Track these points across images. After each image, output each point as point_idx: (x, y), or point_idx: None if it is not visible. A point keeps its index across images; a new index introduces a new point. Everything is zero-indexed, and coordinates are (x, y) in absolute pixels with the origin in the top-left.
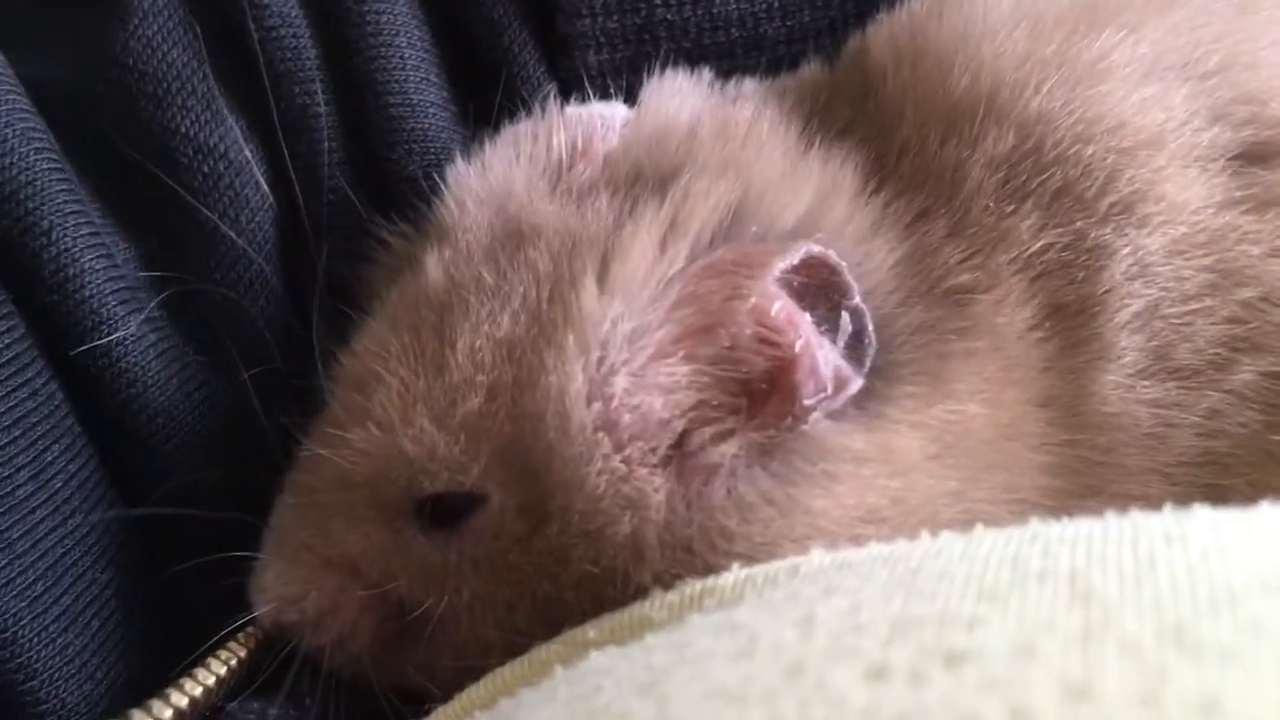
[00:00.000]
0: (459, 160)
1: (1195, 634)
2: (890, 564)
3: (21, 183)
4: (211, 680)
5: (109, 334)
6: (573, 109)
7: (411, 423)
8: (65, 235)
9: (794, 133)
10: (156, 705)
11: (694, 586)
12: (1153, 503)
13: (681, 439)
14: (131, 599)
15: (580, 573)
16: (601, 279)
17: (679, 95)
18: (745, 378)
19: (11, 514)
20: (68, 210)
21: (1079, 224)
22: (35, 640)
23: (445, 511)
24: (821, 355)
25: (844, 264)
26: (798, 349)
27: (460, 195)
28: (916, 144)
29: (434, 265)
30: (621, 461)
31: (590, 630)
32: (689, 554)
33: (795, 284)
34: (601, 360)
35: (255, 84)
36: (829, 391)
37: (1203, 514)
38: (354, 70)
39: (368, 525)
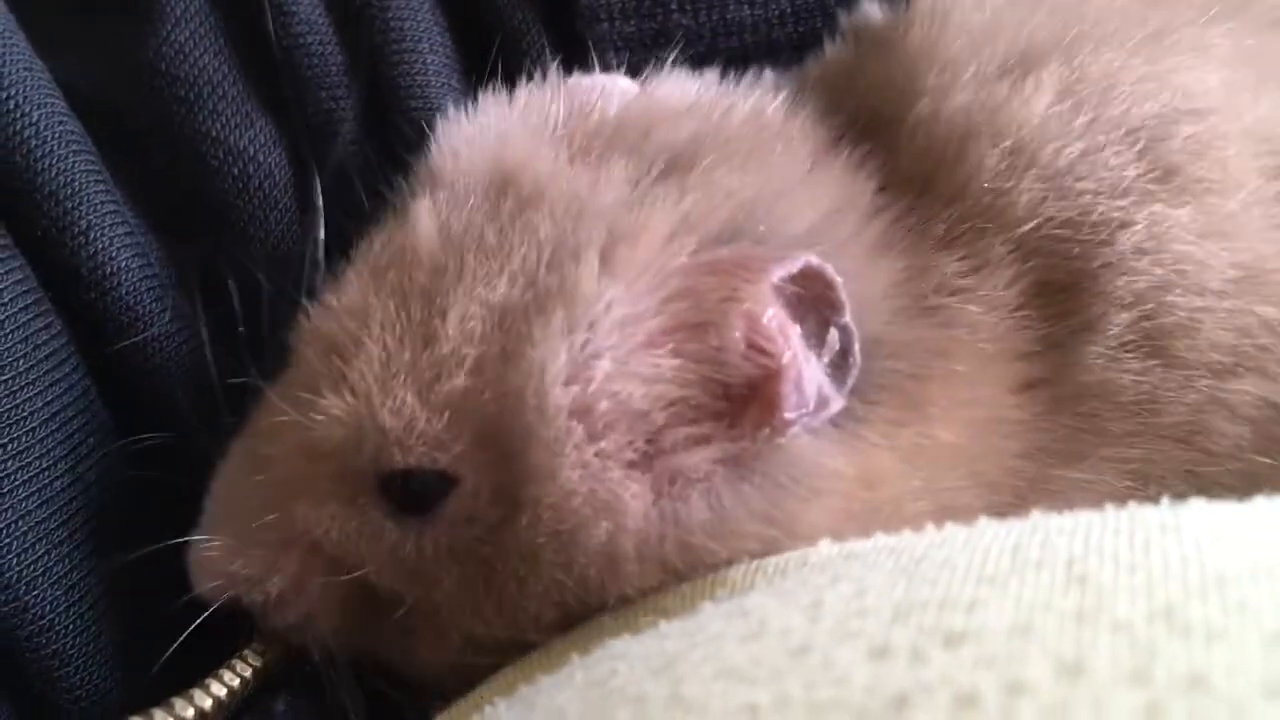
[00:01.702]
0: (451, 108)
1: (1184, 615)
2: (895, 554)
3: (60, 183)
4: (236, 681)
5: (143, 331)
6: (575, 77)
7: (392, 394)
8: (102, 235)
9: (823, 131)
10: (179, 704)
11: (706, 578)
12: (1147, 469)
13: (657, 438)
14: (164, 584)
15: (549, 580)
16: (605, 258)
17: (692, 81)
18: (728, 381)
19: (49, 505)
20: (105, 210)
21: (1087, 198)
22: (72, 628)
23: (414, 495)
24: (808, 370)
25: (839, 280)
26: (785, 360)
27: (454, 143)
28: (920, 131)
29: (425, 218)
30: (595, 455)
31: (606, 619)
32: (664, 569)
33: (790, 293)
34: (587, 342)
35: (283, 89)
36: (810, 408)
37: (1199, 507)
38: (378, 76)
39: (333, 504)
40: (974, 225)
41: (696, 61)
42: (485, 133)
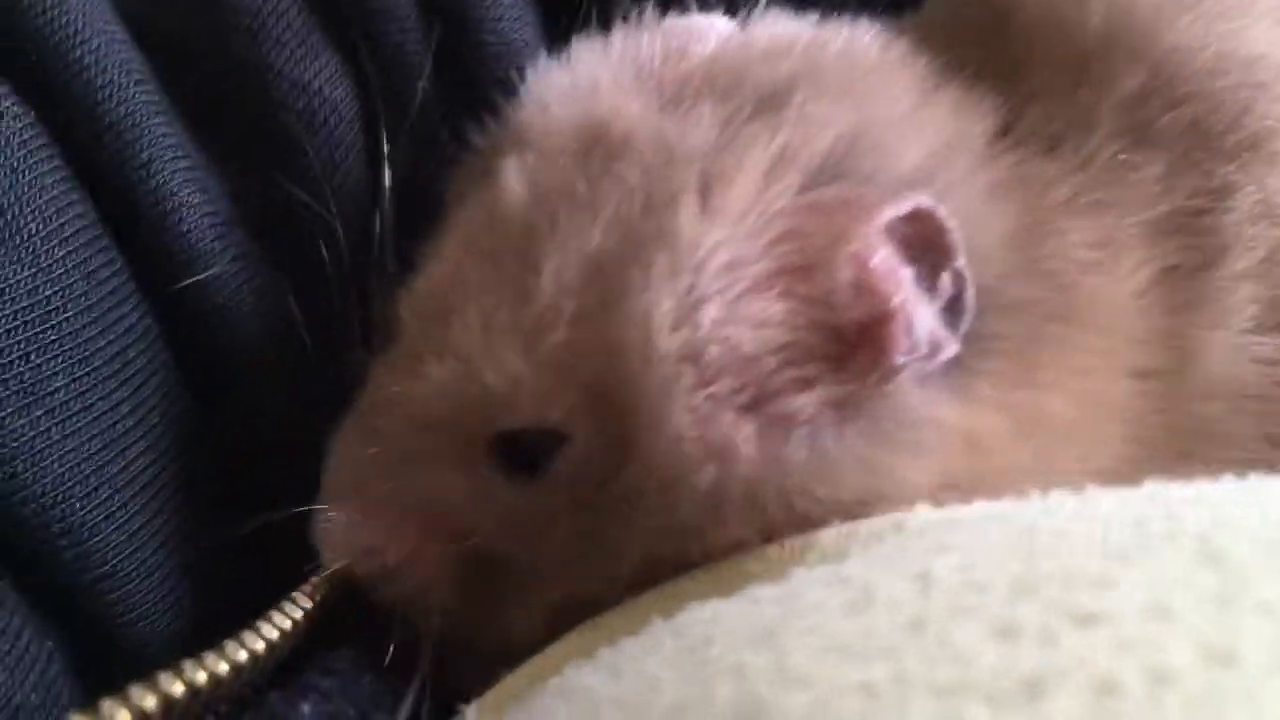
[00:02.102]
0: (541, 58)
1: None
2: (1002, 522)
3: (121, 114)
4: (288, 624)
5: (205, 270)
6: (671, 18)
7: (494, 355)
8: (164, 169)
9: (924, 69)
10: (231, 646)
11: (794, 541)
12: (1253, 467)
13: (765, 382)
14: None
15: (654, 529)
16: (703, 200)
17: (790, 20)
18: (838, 324)
19: (112, 447)
20: (166, 143)
21: (1206, 165)
22: (134, 574)
23: (525, 453)
24: (920, 314)
25: (953, 224)
26: (895, 303)
27: (542, 95)
28: (1047, 89)
29: (514, 176)
30: (706, 399)
31: (686, 582)
32: (765, 512)
33: (900, 236)
34: (693, 286)
35: (351, 22)
36: (923, 352)
37: None
38: (449, 8)
39: (448, 471)
40: (1101, 199)
41: (790, 5)
42: (574, 85)
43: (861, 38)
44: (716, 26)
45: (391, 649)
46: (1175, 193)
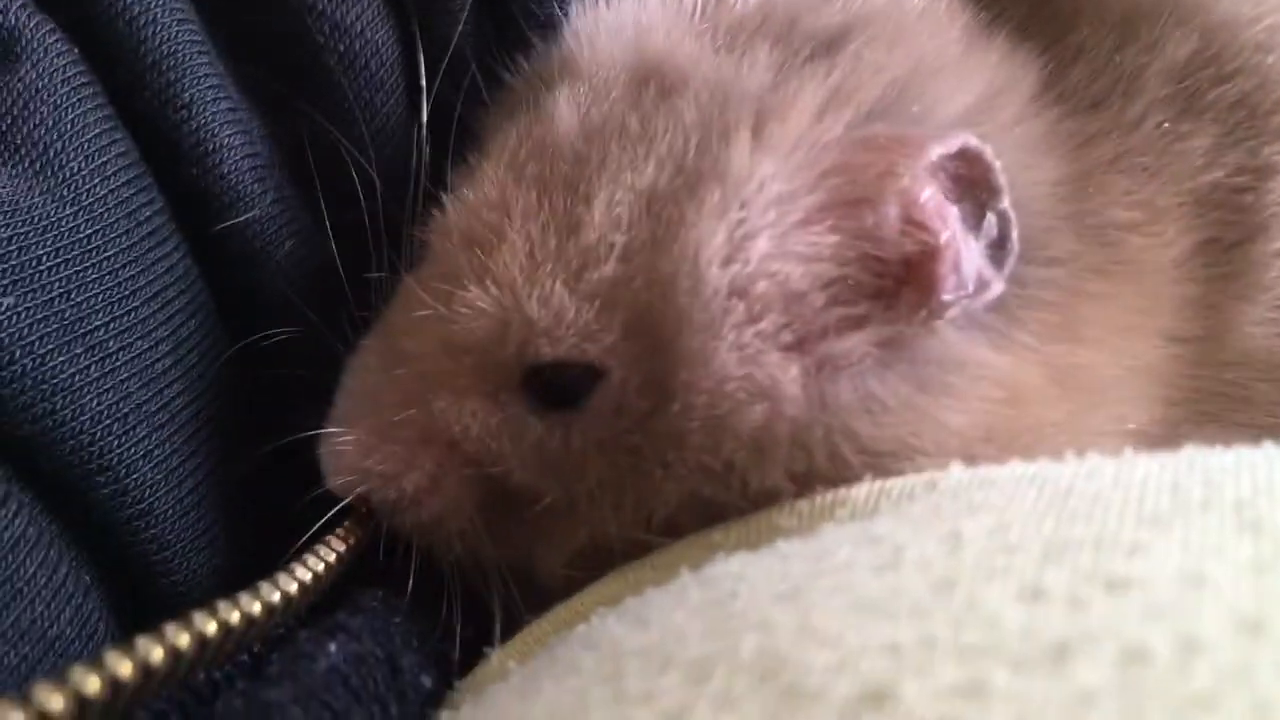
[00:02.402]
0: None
1: None
2: (1037, 484)
3: (164, 53)
4: (321, 566)
5: (245, 212)
6: None
7: (539, 284)
8: (205, 109)
9: (970, 21)
10: (265, 588)
11: (825, 496)
12: (1275, 435)
13: (813, 320)
14: (260, 472)
15: (695, 464)
16: (756, 136)
17: None
18: (885, 261)
19: (150, 386)
20: (207, 84)
21: (1251, 142)
22: (170, 513)
23: (559, 388)
24: (966, 252)
25: (998, 164)
26: (944, 240)
27: (590, 30)
28: (1092, 47)
29: (565, 106)
30: (754, 336)
31: (715, 534)
32: (809, 456)
33: (948, 174)
34: (743, 221)
35: None
36: (970, 290)
37: None
38: None
39: (475, 399)
40: (1146, 164)
41: None
42: (624, 23)
43: None
44: None
45: (419, 585)
46: (1220, 167)
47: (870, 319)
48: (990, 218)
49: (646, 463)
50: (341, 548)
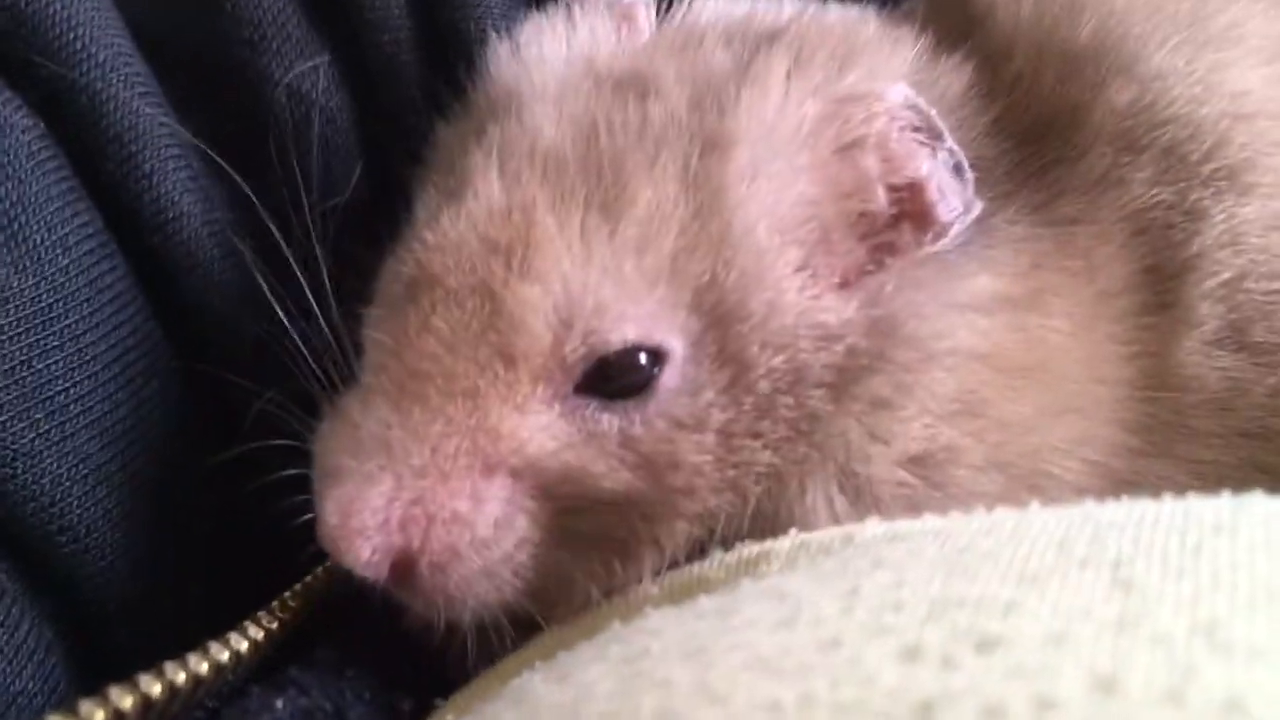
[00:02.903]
0: (498, 39)
1: (1228, 631)
2: (940, 539)
3: (125, 126)
4: (274, 625)
5: (204, 276)
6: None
7: (600, 270)
8: (165, 179)
9: (908, 40)
10: (214, 646)
11: (751, 549)
12: (1217, 470)
13: (854, 255)
14: (223, 535)
15: (784, 422)
16: (749, 100)
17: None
18: (882, 199)
19: (111, 448)
20: (168, 154)
21: (1181, 184)
22: (131, 571)
23: (626, 377)
24: (947, 175)
25: (934, 111)
26: (925, 170)
27: (517, 65)
28: (1030, 78)
29: (541, 119)
30: (810, 280)
31: (653, 587)
32: (880, 382)
33: (903, 121)
34: (773, 172)
35: (346, 32)
36: (961, 208)
37: (1259, 504)
38: (441, 20)
39: (540, 411)
40: (1092, 181)
41: None
42: (554, 54)
43: (838, 13)
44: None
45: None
46: (1155, 200)
47: (897, 246)
48: (942, 153)
49: (737, 437)
50: (295, 604)
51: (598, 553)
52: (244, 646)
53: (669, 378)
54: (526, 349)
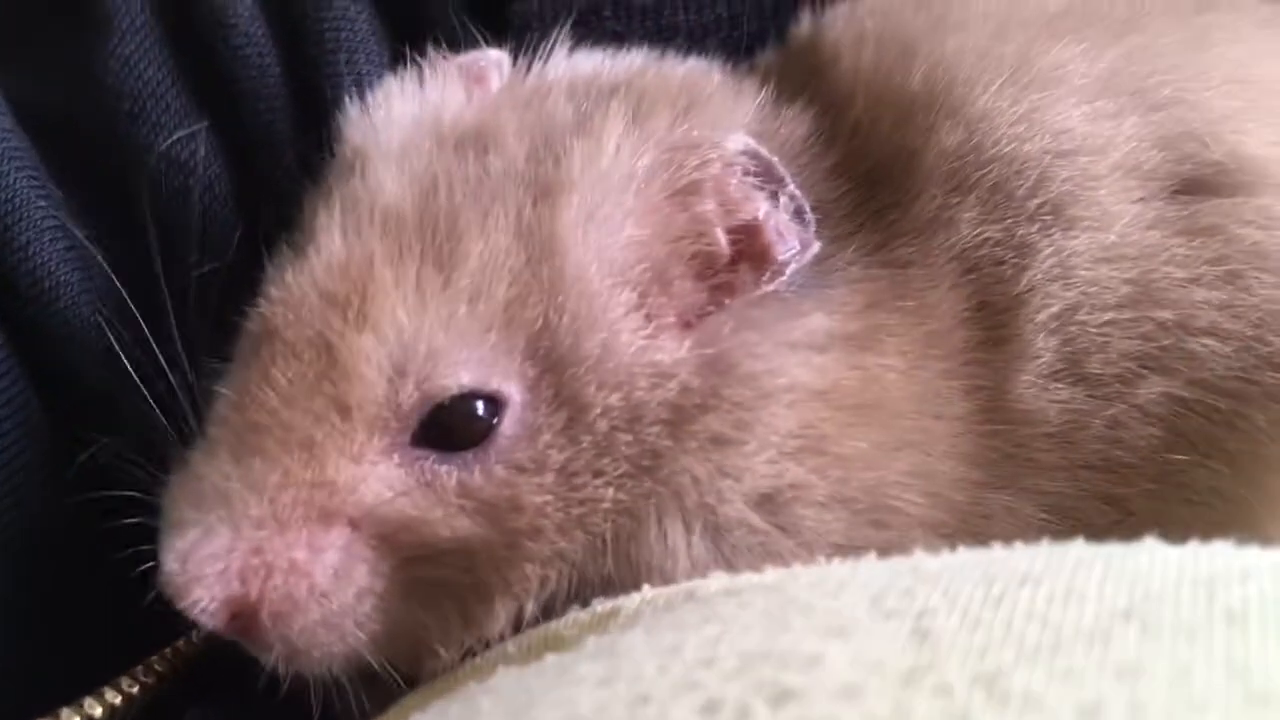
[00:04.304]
0: (351, 104)
1: (1008, 681)
2: (770, 593)
3: (1, 200)
4: (136, 689)
5: (80, 343)
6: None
7: (434, 318)
8: (42, 250)
9: (753, 99)
10: (89, 702)
11: (605, 605)
12: (1062, 501)
13: (690, 294)
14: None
15: (627, 457)
16: (586, 149)
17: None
18: (721, 241)
19: None
20: (44, 226)
21: (1008, 221)
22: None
23: (463, 426)
24: (784, 217)
25: (775, 159)
26: (762, 213)
27: (368, 124)
28: (868, 125)
29: (384, 176)
30: (644, 320)
31: (510, 646)
32: (717, 420)
33: (743, 167)
34: (605, 216)
35: (223, 101)
36: (797, 249)
37: (1071, 553)
38: (315, 85)
39: (376, 461)
40: (924, 224)
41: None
42: (403, 113)
43: (686, 68)
44: (490, 55)
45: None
46: (980, 238)
47: (735, 286)
48: (783, 198)
49: (578, 475)
50: (161, 668)
51: (451, 602)
52: (98, 713)
53: (508, 425)
54: (361, 398)
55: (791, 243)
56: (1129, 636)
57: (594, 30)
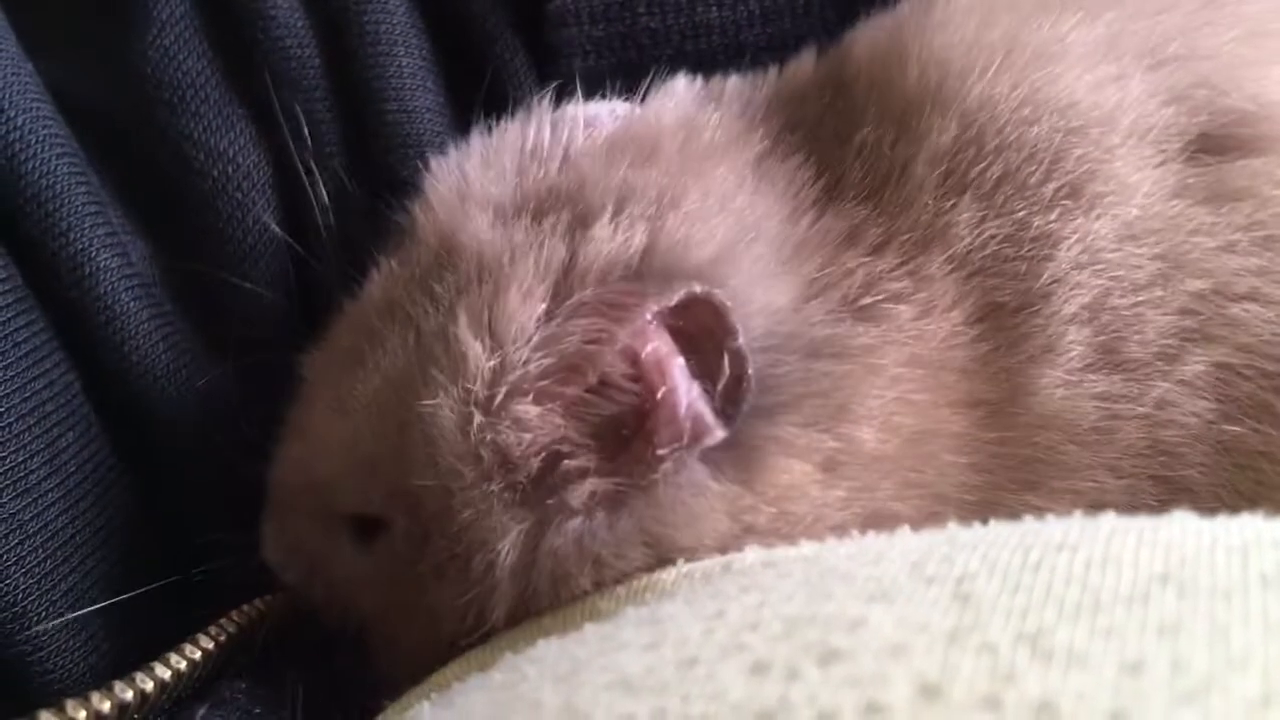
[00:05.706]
0: (437, 157)
1: (1051, 639)
2: (808, 564)
3: (43, 186)
4: (198, 654)
5: (120, 329)
6: (565, 108)
7: (327, 453)
8: (82, 235)
9: (755, 141)
10: (140, 676)
11: (640, 580)
12: (1100, 496)
13: (538, 478)
14: (138, 575)
15: (453, 598)
16: (475, 315)
17: (669, 99)
18: (608, 419)
19: (24, 497)
20: (85, 212)
21: (1021, 213)
22: (45, 615)
23: (362, 528)
24: (684, 402)
25: (729, 305)
26: (659, 396)
27: (428, 194)
28: (873, 143)
29: (379, 276)
30: (481, 494)
31: (546, 619)
32: (533, 594)
33: (674, 326)
34: (468, 395)
35: (263, 92)
36: (684, 441)
37: (1105, 523)
38: (354, 78)
39: (313, 526)
40: (914, 241)
41: (665, 65)
42: (449, 190)
43: (703, 122)
44: (603, 113)
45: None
46: (983, 238)
47: (593, 473)
48: (725, 359)
49: (420, 593)
50: (210, 645)
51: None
52: (149, 686)
53: (385, 538)
54: (298, 486)
55: (679, 433)
56: (1167, 598)
57: (629, 26)
